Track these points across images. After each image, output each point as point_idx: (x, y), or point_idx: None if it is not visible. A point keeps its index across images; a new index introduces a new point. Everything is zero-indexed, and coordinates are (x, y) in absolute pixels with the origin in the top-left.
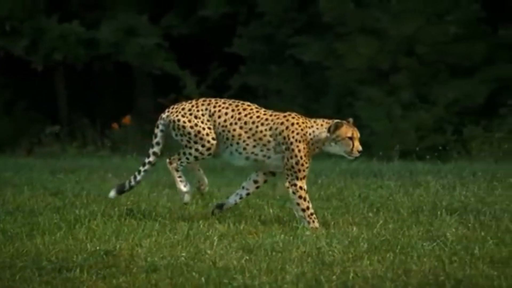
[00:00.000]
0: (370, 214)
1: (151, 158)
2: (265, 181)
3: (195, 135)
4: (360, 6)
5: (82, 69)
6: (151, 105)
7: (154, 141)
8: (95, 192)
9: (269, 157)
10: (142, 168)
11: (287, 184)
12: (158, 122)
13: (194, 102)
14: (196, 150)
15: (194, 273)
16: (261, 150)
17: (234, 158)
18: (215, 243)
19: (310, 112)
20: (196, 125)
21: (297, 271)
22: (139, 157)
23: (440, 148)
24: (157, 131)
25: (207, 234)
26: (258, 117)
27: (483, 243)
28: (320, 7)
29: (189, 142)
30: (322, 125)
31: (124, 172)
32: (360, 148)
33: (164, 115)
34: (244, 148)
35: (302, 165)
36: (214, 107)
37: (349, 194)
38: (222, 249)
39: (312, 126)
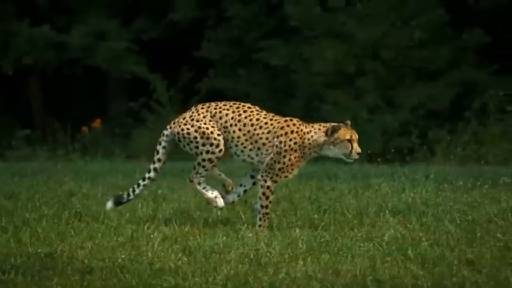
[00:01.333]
0: (316, 216)
1: (152, 174)
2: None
3: (201, 137)
4: (326, 10)
5: (55, 73)
6: (123, 109)
7: (156, 157)
8: (49, 196)
9: (262, 163)
10: (141, 182)
11: (259, 177)
12: (160, 139)
13: (193, 108)
14: (207, 152)
15: (127, 275)
16: (256, 155)
17: (234, 160)
18: (156, 245)
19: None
20: (199, 127)
21: (230, 272)
22: (104, 160)
23: (406, 151)
24: (159, 147)
25: (151, 236)
26: (257, 119)
27: (418, 243)
28: (287, 11)
29: (197, 147)
30: (319, 129)
31: (83, 175)
32: (359, 150)
33: (166, 132)
34: (242, 151)
35: (283, 172)
36: (215, 108)
37: (300, 196)
38: (163, 251)
39: (310, 131)
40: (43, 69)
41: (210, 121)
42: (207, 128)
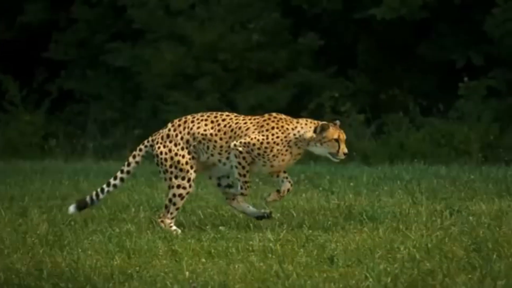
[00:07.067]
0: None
1: (117, 182)
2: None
3: (175, 167)
4: (168, 14)
5: None
6: None
7: (126, 168)
8: None
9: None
10: (106, 188)
11: (233, 145)
12: (135, 152)
13: (169, 125)
14: (179, 186)
15: None
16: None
17: (219, 169)
18: None
19: (127, 116)
20: (176, 154)
21: None
22: None
23: None
24: (132, 160)
25: None
26: (236, 123)
27: (149, 237)
28: (131, 14)
29: (170, 179)
30: (306, 124)
31: None
32: (346, 150)
33: (143, 147)
34: (227, 158)
35: (259, 148)
36: (192, 122)
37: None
38: None
39: (295, 127)
40: None
41: (187, 141)
42: (183, 157)
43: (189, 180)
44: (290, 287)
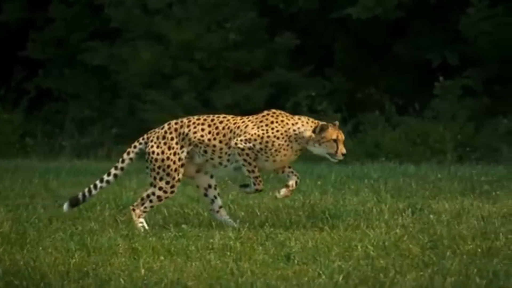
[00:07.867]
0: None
1: (111, 178)
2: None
3: (164, 170)
4: (145, 13)
5: None
6: None
7: (120, 165)
8: None
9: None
10: (99, 184)
11: (233, 143)
12: (130, 149)
13: (166, 126)
14: (160, 188)
15: None
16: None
17: (219, 171)
18: None
19: (105, 115)
20: (168, 158)
21: None
22: None
23: None
24: (126, 157)
25: None
26: (235, 123)
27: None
28: (108, 13)
29: (155, 178)
30: (307, 122)
31: None
32: (344, 151)
33: (137, 144)
34: (228, 160)
35: (260, 143)
36: (188, 126)
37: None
38: None
39: (296, 123)
40: None
41: (181, 147)
42: (174, 162)
43: (172, 186)
44: (243, 284)
